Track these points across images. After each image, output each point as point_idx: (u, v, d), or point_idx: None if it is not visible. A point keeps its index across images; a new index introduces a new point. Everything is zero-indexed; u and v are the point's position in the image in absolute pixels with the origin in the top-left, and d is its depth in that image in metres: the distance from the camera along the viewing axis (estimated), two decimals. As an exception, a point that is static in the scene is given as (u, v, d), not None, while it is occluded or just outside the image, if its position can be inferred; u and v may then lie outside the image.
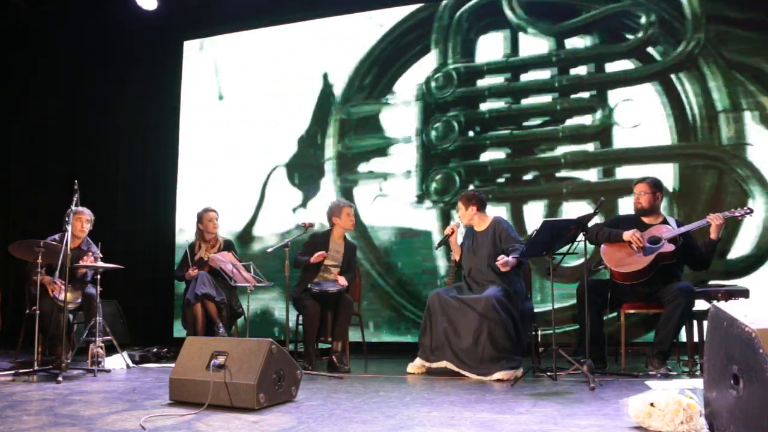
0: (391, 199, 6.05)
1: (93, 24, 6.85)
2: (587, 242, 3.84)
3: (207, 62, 6.94)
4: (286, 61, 6.60)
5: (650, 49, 5.43)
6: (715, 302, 2.34)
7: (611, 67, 5.53)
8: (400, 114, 6.10)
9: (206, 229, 5.16)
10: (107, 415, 2.82)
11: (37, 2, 6.91)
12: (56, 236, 4.58)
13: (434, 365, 4.15)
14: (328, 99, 6.42)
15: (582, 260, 3.92)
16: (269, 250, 4.66)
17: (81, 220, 4.65)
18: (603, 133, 5.49)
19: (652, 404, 2.37)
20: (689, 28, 5.32)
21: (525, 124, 5.71)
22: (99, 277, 4.47)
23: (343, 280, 4.67)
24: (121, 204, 6.93)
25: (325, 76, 6.45)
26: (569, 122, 5.59)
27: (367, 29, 6.35)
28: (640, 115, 5.38)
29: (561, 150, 5.59)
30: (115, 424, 2.63)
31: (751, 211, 3.98)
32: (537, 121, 5.69)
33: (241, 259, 4.72)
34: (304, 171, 6.44)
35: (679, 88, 5.31)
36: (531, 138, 5.69)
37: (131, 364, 4.70)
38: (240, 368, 2.93)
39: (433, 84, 5.99)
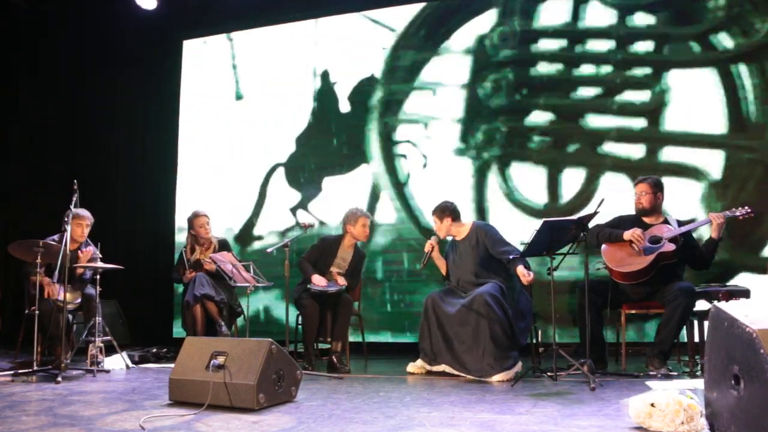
0: (432, 146, 6.00)
1: (93, 24, 6.86)
2: (588, 243, 3.83)
3: (208, 62, 6.94)
4: (286, 61, 6.59)
5: (713, 36, 5.33)
6: (715, 302, 2.33)
7: (671, 47, 5.44)
8: (452, 65, 6.03)
9: (199, 234, 5.15)
10: (107, 415, 2.82)
11: (37, 2, 6.92)
12: (55, 236, 4.58)
13: (434, 368, 4.16)
14: (328, 98, 6.42)
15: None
16: (269, 250, 4.65)
17: (81, 226, 4.63)
18: (654, 112, 5.41)
19: (652, 404, 2.37)
20: (761, 18, 5.20)
21: (576, 92, 5.66)
22: (98, 277, 4.47)
23: (342, 280, 4.66)
24: (121, 204, 6.92)
25: (326, 75, 6.45)
26: (621, 97, 5.52)
27: (367, 29, 6.35)
28: (695, 100, 5.29)
29: (609, 123, 5.52)
30: (114, 424, 2.62)
31: (752, 211, 3.97)
32: (589, 91, 5.63)
33: (240, 259, 4.71)
34: (303, 171, 6.44)
35: (738, 78, 5.22)
36: (580, 106, 5.63)
37: (131, 365, 4.70)
38: (240, 368, 2.93)
39: (489, 40, 5.91)
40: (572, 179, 5.56)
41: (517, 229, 5.25)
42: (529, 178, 5.67)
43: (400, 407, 2.96)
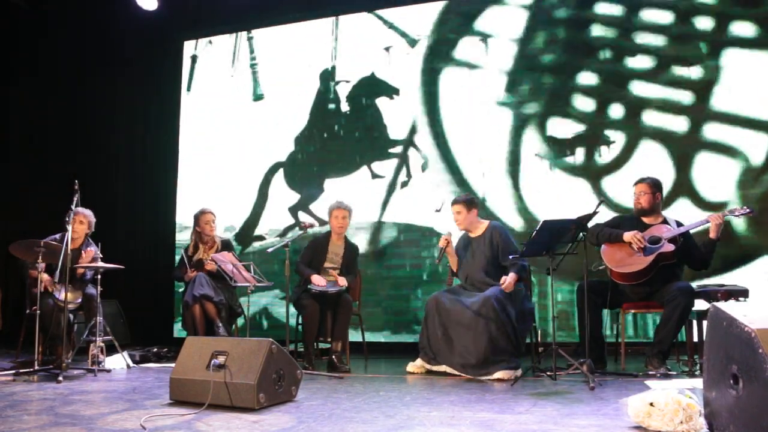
0: (474, 92, 5.96)
1: (93, 24, 6.86)
2: (587, 243, 3.84)
3: (208, 62, 6.94)
4: (286, 61, 6.60)
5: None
6: (714, 302, 2.34)
7: (733, 26, 5.34)
8: (507, 17, 5.96)
9: (203, 231, 5.16)
10: (107, 414, 2.83)
11: (37, 2, 6.92)
12: (56, 236, 4.59)
13: (434, 368, 4.17)
14: (328, 98, 6.43)
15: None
16: (269, 250, 4.66)
17: (75, 222, 4.63)
18: (704, 88, 5.34)
19: (651, 404, 2.38)
20: None
21: (627, 59, 5.60)
22: (99, 277, 4.47)
23: (342, 281, 4.67)
24: (121, 204, 6.93)
25: (326, 75, 6.46)
26: (672, 69, 5.45)
27: (369, 29, 6.36)
28: (747, 81, 5.21)
29: (655, 93, 5.46)
30: (115, 423, 2.63)
31: (752, 211, 3.98)
32: (640, 60, 5.57)
33: (240, 259, 4.72)
34: (303, 171, 6.44)
35: None
36: (629, 73, 5.57)
37: (131, 364, 4.71)
38: (240, 368, 2.94)
39: None
40: (610, 143, 5.53)
41: (550, 185, 5.42)
42: (568, 137, 5.64)
43: (400, 407, 2.97)
